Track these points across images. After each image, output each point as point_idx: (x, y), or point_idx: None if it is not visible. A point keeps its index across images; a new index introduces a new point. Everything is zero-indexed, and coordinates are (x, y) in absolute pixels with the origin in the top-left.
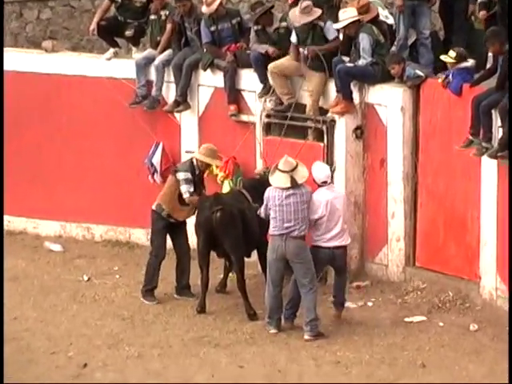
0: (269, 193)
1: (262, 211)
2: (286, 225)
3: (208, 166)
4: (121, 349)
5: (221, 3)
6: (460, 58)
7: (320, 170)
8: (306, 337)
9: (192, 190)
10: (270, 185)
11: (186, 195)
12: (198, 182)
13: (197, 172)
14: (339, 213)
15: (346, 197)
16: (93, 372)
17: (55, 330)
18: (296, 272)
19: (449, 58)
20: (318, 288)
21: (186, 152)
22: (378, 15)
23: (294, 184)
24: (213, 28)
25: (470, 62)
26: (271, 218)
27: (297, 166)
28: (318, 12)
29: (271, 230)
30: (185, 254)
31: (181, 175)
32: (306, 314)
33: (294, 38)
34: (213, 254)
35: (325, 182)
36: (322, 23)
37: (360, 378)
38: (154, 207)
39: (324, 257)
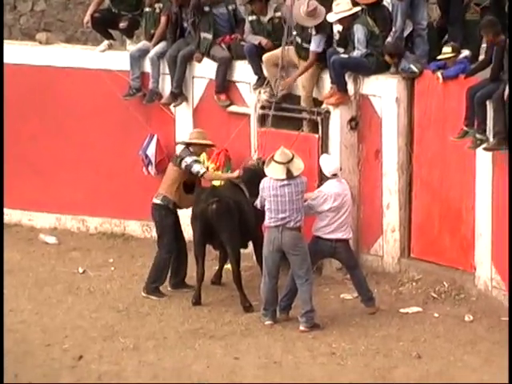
0: (264, 183)
1: (257, 202)
2: (281, 215)
3: (203, 148)
4: (116, 341)
5: None
6: (457, 51)
7: (329, 163)
8: (302, 328)
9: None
10: (265, 176)
11: (202, 171)
12: None
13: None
14: (346, 206)
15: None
16: (88, 364)
17: (50, 322)
18: (292, 263)
19: (447, 54)
20: (314, 279)
21: (176, 144)
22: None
23: (290, 176)
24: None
25: (467, 52)
26: (266, 209)
27: (293, 157)
28: (323, 14)
29: (267, 222)
30: (182, 249)
31: (188, 159)
32: (302, 305)
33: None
34: (208, 246)
35: (334, 175)
36: None
37: (355, 368)
38: (159, 201)
39: (325, 249)
